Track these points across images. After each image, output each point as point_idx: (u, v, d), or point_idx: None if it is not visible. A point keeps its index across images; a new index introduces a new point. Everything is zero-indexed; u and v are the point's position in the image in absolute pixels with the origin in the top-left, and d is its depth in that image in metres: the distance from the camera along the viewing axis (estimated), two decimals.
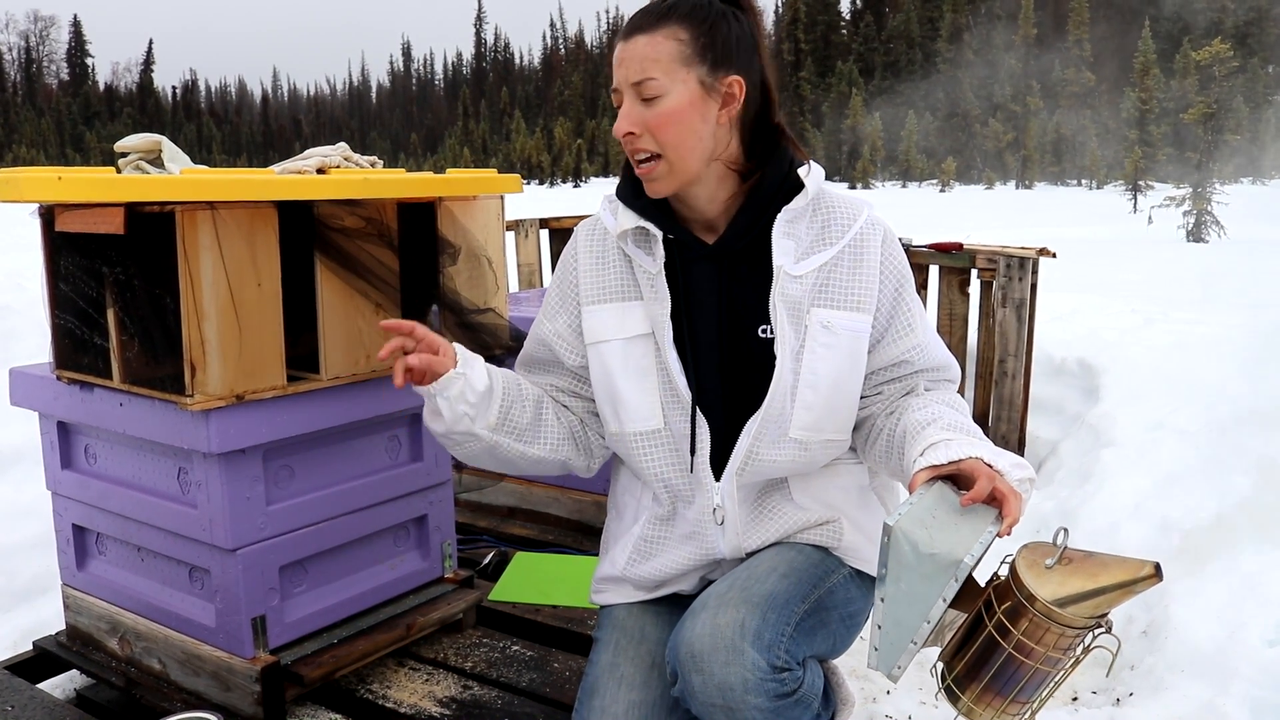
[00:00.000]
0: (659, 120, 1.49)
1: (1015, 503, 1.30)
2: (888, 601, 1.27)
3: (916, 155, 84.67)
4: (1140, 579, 1.22)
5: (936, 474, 1.35)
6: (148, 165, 2.09)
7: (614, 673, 1.55)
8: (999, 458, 1.36)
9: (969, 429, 1.44)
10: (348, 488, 2.23)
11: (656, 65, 1.48)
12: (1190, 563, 2.67)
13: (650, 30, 1.50)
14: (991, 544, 1.29)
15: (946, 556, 1.24)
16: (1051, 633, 1.24)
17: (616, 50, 1.53)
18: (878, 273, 1.57)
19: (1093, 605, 1.23)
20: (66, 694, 2.37)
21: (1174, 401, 3.66)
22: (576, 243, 1.68)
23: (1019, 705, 1.30)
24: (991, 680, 1.28)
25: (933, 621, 1.25)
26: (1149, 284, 11.95)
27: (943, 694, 1.35)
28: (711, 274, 1.57)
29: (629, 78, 1.50)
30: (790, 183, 1.55)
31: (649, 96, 1.49)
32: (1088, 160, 73.06)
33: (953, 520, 1.29)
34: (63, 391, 2.16)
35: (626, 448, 1.61)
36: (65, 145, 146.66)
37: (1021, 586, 1.25)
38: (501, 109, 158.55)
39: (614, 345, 1.59)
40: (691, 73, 1.49)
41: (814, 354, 1.53)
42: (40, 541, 3.00)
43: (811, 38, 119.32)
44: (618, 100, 1.54)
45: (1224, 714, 2.09)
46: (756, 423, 1.53)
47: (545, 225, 5.35)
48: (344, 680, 2.28)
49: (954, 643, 1.32)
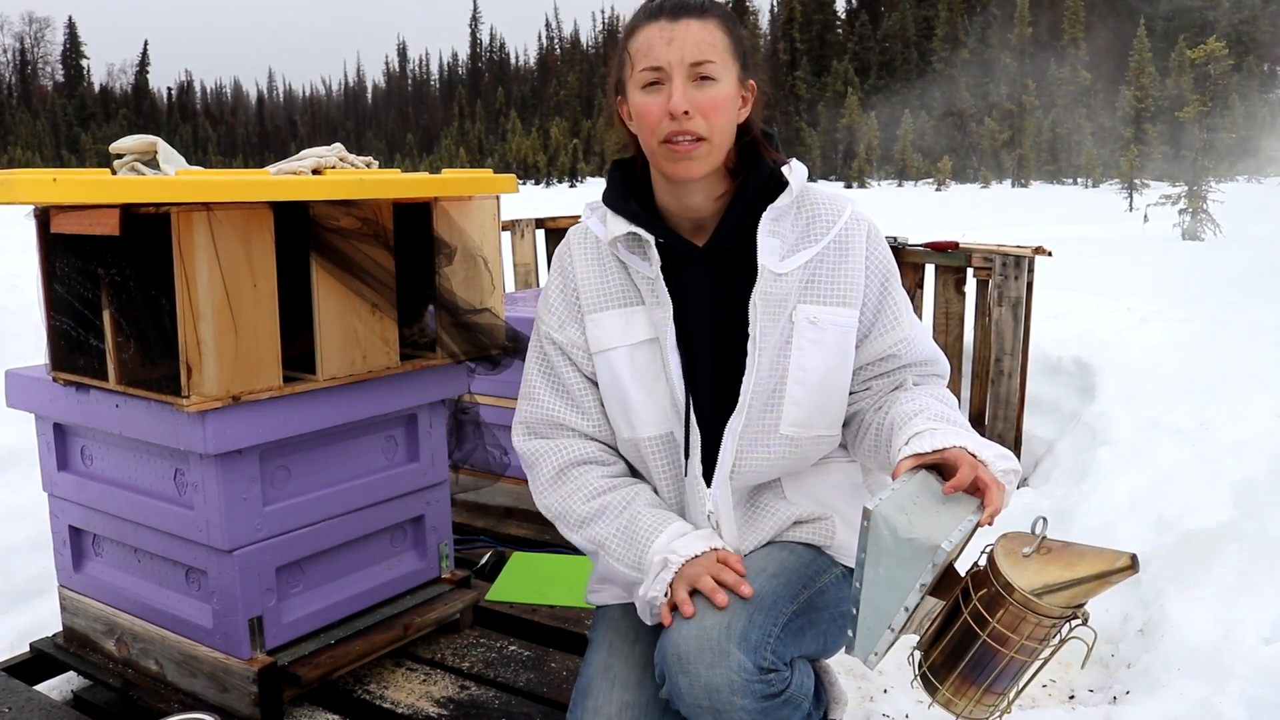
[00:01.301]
0: (713, 103, 1.49)
1: (997, 492, 1.30)
2: (866, 586, 1.27)
3: (912, 154, 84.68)
4: (1116, 570, 1.22)
5: (920, 462, 1.35)
6: (143, 166, 2.09)
7: (608, 673, 1.54)
8: (983, 448, 1.36)
9: (955, 420, 1.44)
10: (344, 488, 2.23)
11: (714, 50, 1.50)
12: (1186, 561, 2.67)
13: (701, 18, 1.50)
14: (973, 532, 1.29)
15: (925, 542, 1.24)
16: (1028, 622, 1.24)
17: (657, 30, 1.50)
18: (863, 268, 1.58)
19: (1069, 595, 1.23)
20: (64, 695, 2.36)
21: (1170, 400, 3.66)
22: (571, 252, 1.66)
23: (995, 695, 1.30)
24: (969, 669, 1.28)
25: (910, 608, 1.25)
26: (1145, 282, 11.97)
27: (918, 682, 1.35)
28: (704, 275, 1.57)
29: (686, 57, 1.48)
30: (773, 181, 1.57)
31: (706, 77, 1.49)
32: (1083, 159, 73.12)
33: (934, 508, 1.29)
34: (59, 393, 2.16)
35: (639, 452, 1.61)
36: (60, 147, 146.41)
37: (999, 575, 1.25)
38: (497, 109, 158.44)
39: (621, 352, 1.59)
40: (733, 66, 1.53)
41: (802, 350, 1.54)
42: (37, 543, 2.99)
43: (807, 37, 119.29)
44: (653, 78, 1.50)
45: (1220, 712, 2.09)
46: (739, 423, 1.53)
47: (541, 225, 5.35)
48: (341, 681, 2.28)
49: (931, 632, 1.32)
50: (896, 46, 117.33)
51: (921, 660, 1.34)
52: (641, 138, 1.55)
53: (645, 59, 1.50)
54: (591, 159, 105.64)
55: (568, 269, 1.66)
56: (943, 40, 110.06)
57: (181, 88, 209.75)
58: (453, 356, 2.36)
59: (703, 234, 1.59)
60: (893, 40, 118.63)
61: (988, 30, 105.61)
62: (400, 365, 2.27)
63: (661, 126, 1.50)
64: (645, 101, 1.51)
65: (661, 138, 1.50)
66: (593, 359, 1.62)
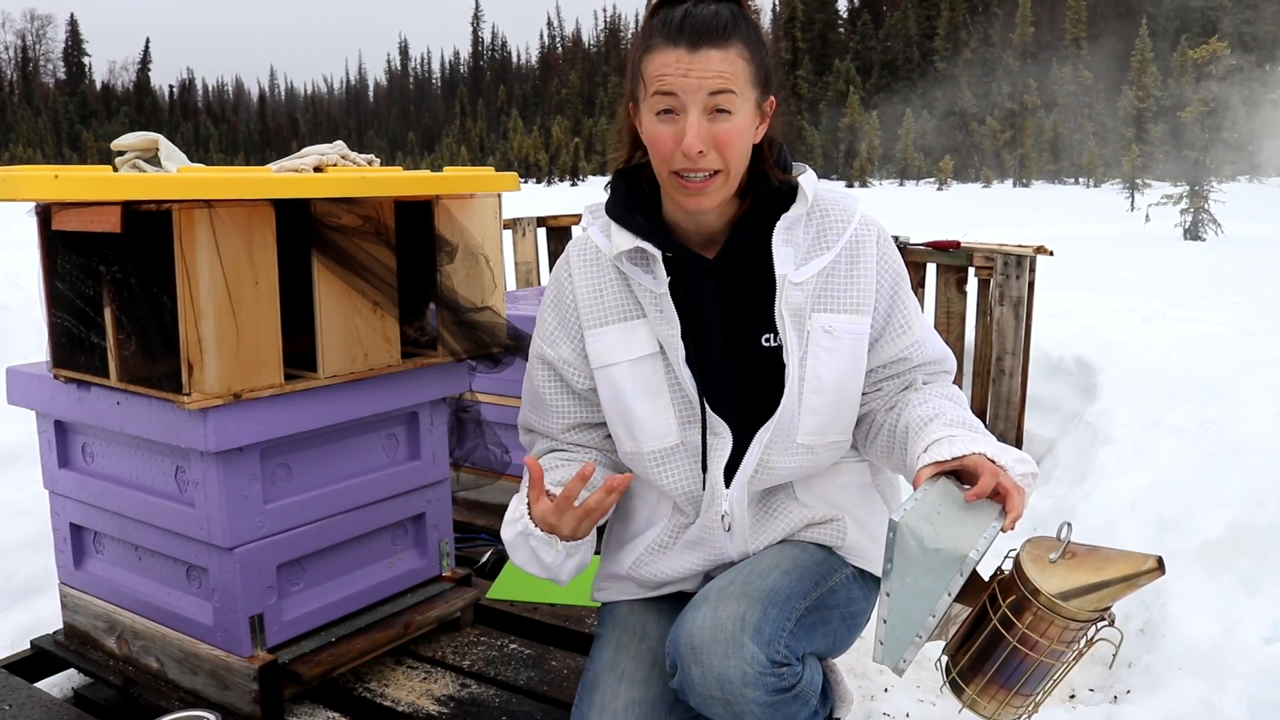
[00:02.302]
0: (728, 136, 1.44)
1: (1018, 498, 1.30)
2: (893, 596, 1.28)
3: (914, 154, 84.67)
4: (1143, 572, 1.23)
5: (940, 470, 1.36)
6: (144, 164, 2.09)
7: (614, 669, 1.55)
8: (1002, 453, 1.36)
9: (971, 424, 1.44)
10: (345, 486, 2.23)
11: (734, 81, 1.43)
12: (1187, 561, 2.67)
13: (722, 46, 1.43)
14: (995, 539, 1.30)
15: (952, 551, 1.25)
16: (1055, 626, 1.25)
17: (674, 58, 1.43)
18: (874, 274, 1.57)
19: (1096, 599, 1.24)
20: (64, 693, 2.36)
21: (1171, 400, 3.66)
22: (570, 265, 1.64)
23: (1023, 698, 1.31)
24: (996, 673, 1.29)
25: (938, 616, 1.26)
26: (1146, 282, 11.97)
27: (947, 687, 1.36)
28: (715, 289, 1.56)
29: (704, 88, 1.42)
30: (785, 189, 1.55)
31: (723, 110, 1.44)
32: (1085, 159, 73.09)
33: (957, 515, 1.30)
34: (60, 390, 2.16)
35: (644, 465, 1.60)
36: (62, 144, 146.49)
37: (1026, 581, 1.26)
38: (499, 108, 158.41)
39: (622, 367, 1.57)
40: (752, 94, 1.47)
41: (817, 359, 1.53)
42: (38, 540, 3.00)
43: (809, 36, 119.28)
44: (667, 105, 1.44)
45: (1221, 711, 2.09)
46: (769, 432, 1.53)
47: (543, 224, 5.34)
48: (342, 679, 2.28)
49: (958, 636, 1.33)
50: (898, 46, 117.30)
51: (950, 665, 1.35)
52: (654, 162, 1.50)
53: (660, 85, 1.44)
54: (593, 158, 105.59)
55: (565, 285, 1.64)
56: (945, 40, 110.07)
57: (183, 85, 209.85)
58: (454, 355, 2.36)
59: (713, 246, 1.57)
60: (895, 39, 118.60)
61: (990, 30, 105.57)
62: (401, 363, 2.27)
63: (674, 159, 1.45)
64: (658, 130, 1.45)
65: (673, 169, 1.47)
66: (592, 374, 1.61)
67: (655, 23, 1.47)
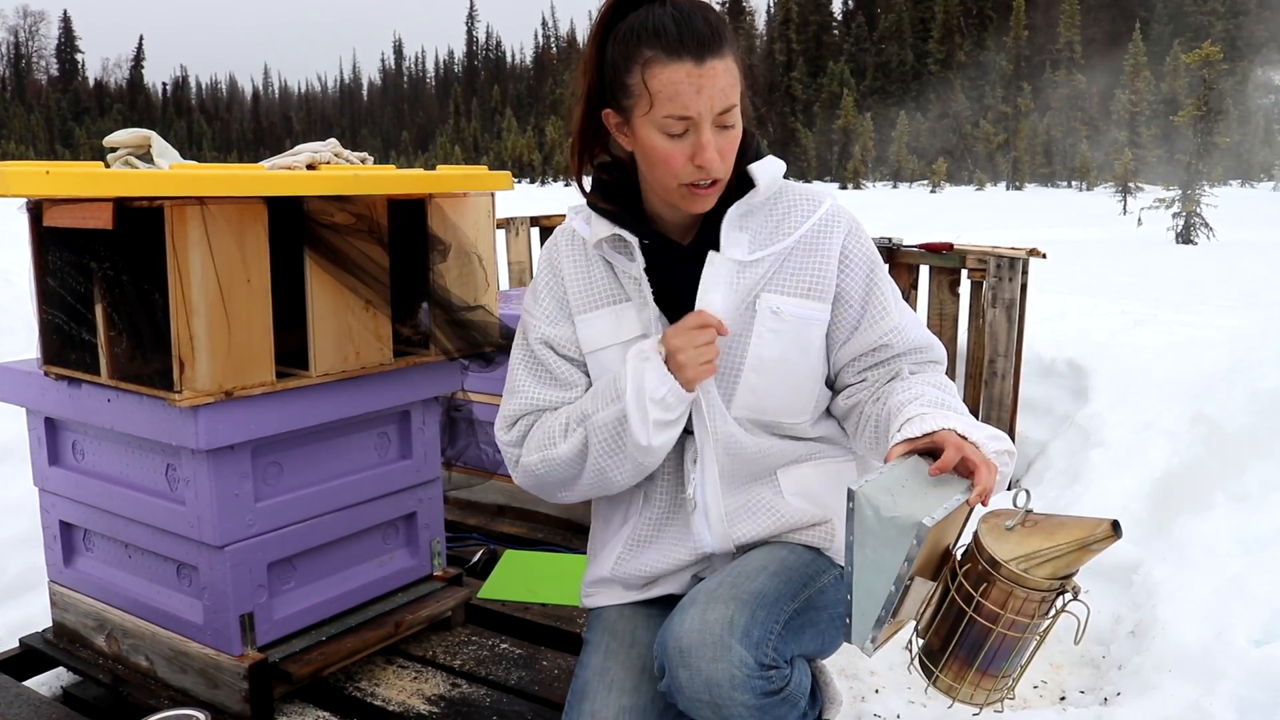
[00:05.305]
0: (732, 145, 1.49)
1: (987, 472, 1.29)
2: (856, 569, 1.27)
3: (907, 156, 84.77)
4: (1098, 538, 1.22)
5: (912, 448, 1.35)
6: (137, 160, 2.09)
7: (604, 677, 1.54)
8: (974, 429, 1.36)
9: (949, 405, 1.44)
10: (337, 485, 2.23)
11: (735, 90, 1.47)
12: (1178, 563, 2.68)
13: (721, 56, 1.44)
14: (966, 514, 1.30)
15: (907, 519, 1.23)
16: (1015, 596, 1.24)
17: (684, 74, 1.42)
18: (835, 262, 1.58)
19: (1053, 567, 1.23)
20: (53, 691, 2.36)
21: (1163, 402, 3.67)
22: (559, 251, 1.67)
23: (993, 679, 1.30)
24: (963, 650, 1.28)
25: (899, 586, 1.25)
26: (1138, 285, 12.00)
27: (916, 667, 1.35)
28: (693, 273, 1.58)
29: (715, 106, 1.44)
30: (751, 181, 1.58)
31: (729, 125, 1.47)
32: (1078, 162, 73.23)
33: (921, 489, 1.29)
34: (50, 387, 2.15)
35: None
36: (55, 141, 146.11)
37: (982, 550, 1.25)
38: (493, 107, 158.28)
39: (613, 350, 1.60)
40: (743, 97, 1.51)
41: (760, 338, 1.56)
42: (27, 538, 2.98)
43: (803, 38, 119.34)
44: (682, 128, 1.45)
45: (1210, 714, 2.09)
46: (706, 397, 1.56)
47: (536, 223, 5.34)
48: (332, 678, 2.28)
49: (927, 619, 1.32)
50: (892, 48, 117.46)
51: (918, 645, 1.34)
52: (654, 176, 1.51)
53: (673, 106, 1.43)
54: None
55: (556, 269, 1.67)
56: (939, 42, 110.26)
57: (177, 83, 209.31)
58: (446, 353, 2.36)
59: (689, 233, 1.60)
60: (889, 42, 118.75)
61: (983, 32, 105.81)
62: (393, 362, 2.27)
63: (685, 172, 1.47)
64: (668, 147, 1.46)
65: (684, 181, 1.49)
66: (585, 359, 1.63)
67: (653, 38, 1.44)
